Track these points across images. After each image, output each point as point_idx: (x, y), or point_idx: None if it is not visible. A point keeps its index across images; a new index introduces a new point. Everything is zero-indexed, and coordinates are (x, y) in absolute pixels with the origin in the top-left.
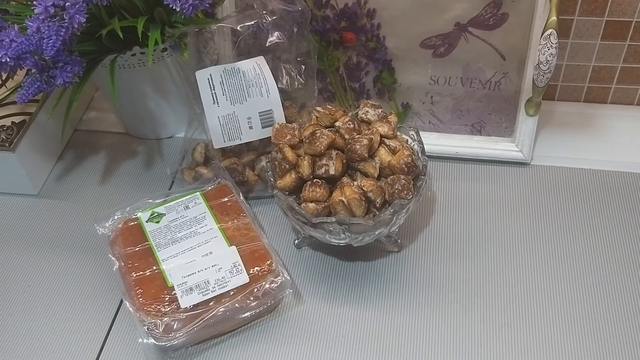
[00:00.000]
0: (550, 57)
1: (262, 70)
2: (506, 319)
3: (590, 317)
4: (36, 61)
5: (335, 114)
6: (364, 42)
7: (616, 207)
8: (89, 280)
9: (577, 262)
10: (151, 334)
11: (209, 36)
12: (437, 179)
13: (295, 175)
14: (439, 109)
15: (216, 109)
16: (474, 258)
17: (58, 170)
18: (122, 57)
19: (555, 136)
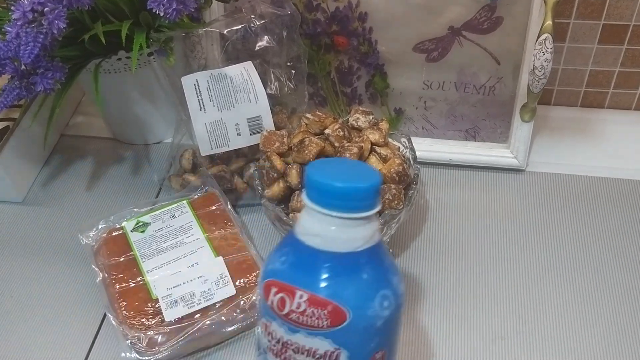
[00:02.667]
0: (546, 62)
1: (250, 75)
2: (501, 331)
3: (587, 326)
4: (16, 67)
5: (325, 120)
6: (355, 46)
7: (613, 215)
8: (73, 291)
9: (574, 270)
10: (134, 349)
11: (196, 40)
12: (430, 186)
13: (283, 184)
14: (432, 115)
15: (203, 116)
16: (468, 267)
17: (44, 176)
18: (107, 61)
19: (551, 142)
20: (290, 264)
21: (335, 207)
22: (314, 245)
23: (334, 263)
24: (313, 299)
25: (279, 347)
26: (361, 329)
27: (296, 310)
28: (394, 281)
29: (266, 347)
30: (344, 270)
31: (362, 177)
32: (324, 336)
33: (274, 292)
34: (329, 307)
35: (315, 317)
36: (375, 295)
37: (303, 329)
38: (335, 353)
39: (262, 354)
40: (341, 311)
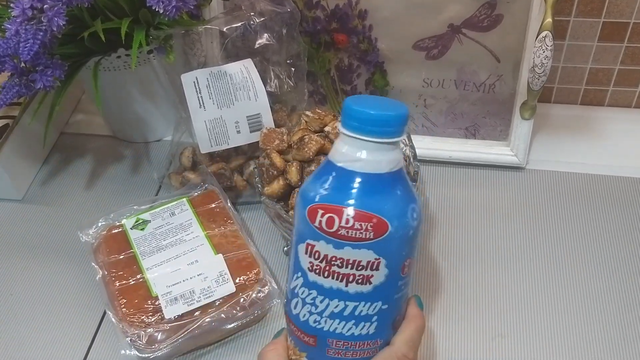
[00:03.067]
0: (546, 59)
1: (249, 73)
2: (501, 329)
3: (587, 323)
4: (15, 65)
5: (325, 118)
6: (355, 44)
7: (613, 212)
8: (72, 289)
9: (574, 267)
10: (134, 346)
11: (195, 38)
12: (430, 184)
13: (283, 181)
14: (432, 112)
15: (203, 113)
16: (468, 264)
17: (43, 174)
18: (107, 59)
19: (551, 140)
20: (333, 188)
21: (374, 133)
22: (354, 169)
23: (374, 182)
24: (359, 214)
25: (323, 265)
26: (398, 238)
27: (345, 225)
28: (417, 197)
29: (307, 267)
30: (383, 188)
31: (392, 108)
32: (368, 247)
33: (321, 213)
34: (373, 220)
35: (362, 230)
36: (407, 208)
37: (350, 242)
38: (376, 262)
39: (300, 277)
40: (384, 223)
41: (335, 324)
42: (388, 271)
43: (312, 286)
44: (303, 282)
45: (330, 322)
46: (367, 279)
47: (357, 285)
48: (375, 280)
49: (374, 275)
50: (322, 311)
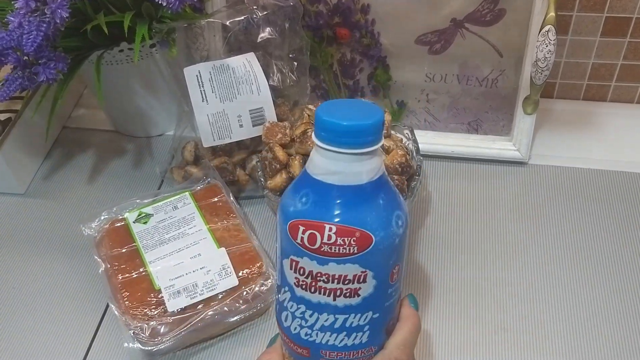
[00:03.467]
0: (549, 54)
1: (252, 66)
2: (503, 322)
3: (590, 318)
4: (18, 57)
5: None
6: (358, 39)
7: (615, 207)
8: (75, 282)
9: (575, 262)
10: (137, 339)
11: (198, 32)
12: (432, 179)
13: (286, 175)
14: (434, 107)
15: (205, 107)
16: (470, 259)
17: (45, 168)
18: (109, 53)
19: (554, 135)
20: (312, 203)
21: (349, 145)
22: (332, 182)
23: (354, 194)
24: (341, 229)
25: (309, 280)
26: (383, 249)
27: (327, 242)
28: (402, 202)
29: (294, 283)
30: (364, 199)
31: (367, 114)
32: (353, 262)
33: (302, 230)
34: (356, 234)
35: (345, 245)
36: (391, 216)
37: (334, 258)
38: (363, 275)
39: (287, 291)
40: (367, 236)
41: (327, 336)
42: (376, 282)
43: (300, 301)
44: (291, 296)
45: (321, 334)
46: (355, 291)
47: (346, 299)
48: (363, 292)
49: (361, 287)
50: (312, 324)
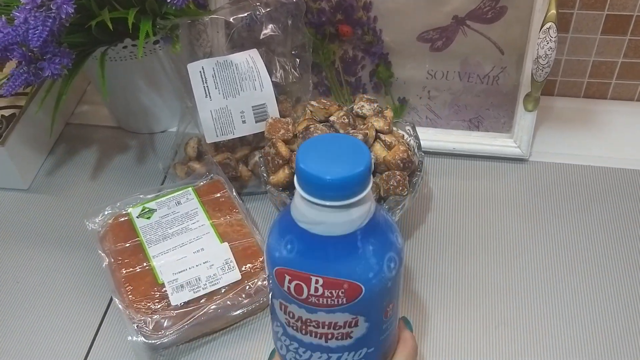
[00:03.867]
0: (549, 51)
1: (255, 63)
2: (503, 318)
3: (589, 314)
4: (24, 53)
5: (330, 108)
6: (360, 36)
7: (616, 204)
8: (79, 276)
9: (576, 258)
10: (141, 332)
11: (201, 28)
12: (434, 175)
13: (288, 170)
14: (436, 104)
15: (208, 103)
16: (471, 255)
17: (49, 164)
18: (113, 49)
19: (554, 132)
20: (297, 252)
21: (333, 198)
22: (318, 233)
23: (341, 245)
24: (328, 282)
25: (299, 324)
26: (374, 295)
27: (314, 294)
28: (395, 240)
29: (285, 322)
30: (352, 249)
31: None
32: (342, 311)
33: (288, 279)
34: (344, 286)
35: (333, 297)
36: (383, 261)
37: (322, 309)
38: (354, 320)
39: (279, 327)
40: (356, 286)
41: None
42: (369, 324)
43: (293, 339)
44: (283, 332)
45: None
46: (347, 334)
47: (338, 341)
48: (356, 334)
49: (353, 330)
50: (307, 359)
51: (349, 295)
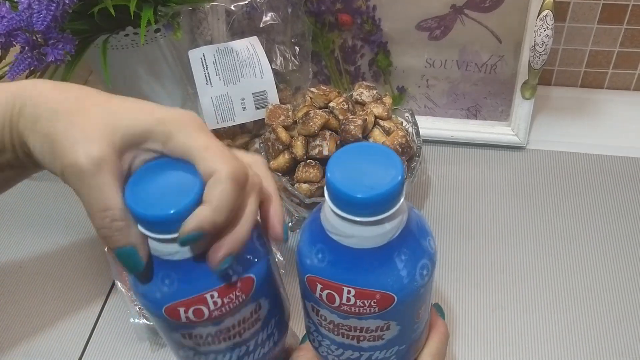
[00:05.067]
0: (546, 38)
1: (255, 50)
2: (499, 302)
3: (585, 299)
4: (27, 38)
5: (330, 94)
6: (359, 25)
7: (611, 191)
8: (81, 261)
9: (572, 245)
10: (143, 314)
11: (202, 16)
12: (432, 163)
13: (288, 155)
14: (434, 93)
15: (209, 89)
16: (469, 241)
17: None
18: (114, 37)
19: (552, 121)
20: (329, 262)
21: (363, 215)
22: (349, 245)
23: (374, 257)
24: (360, 292)
25: (331, 326)
26: (407, 302)
27: (346, 303)
28: (427, 246)
29: (317, 322)
30: (384, 261)
31: (384, 172)
32: (374, 318)
33: (320, 288)
34: (376, 297)
35: (365, 306)
36: (415, 270)
37: (354, 316)
38: (385, 325)
39: (312, 324)
40: (388, 296)
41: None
42: (400, 327)
43: (325, 337)
44: (315, 329)
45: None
46: (378, 337)
47: (370, 342)
48: (387, 336)
49: (385, 333)
50: (339, 355)
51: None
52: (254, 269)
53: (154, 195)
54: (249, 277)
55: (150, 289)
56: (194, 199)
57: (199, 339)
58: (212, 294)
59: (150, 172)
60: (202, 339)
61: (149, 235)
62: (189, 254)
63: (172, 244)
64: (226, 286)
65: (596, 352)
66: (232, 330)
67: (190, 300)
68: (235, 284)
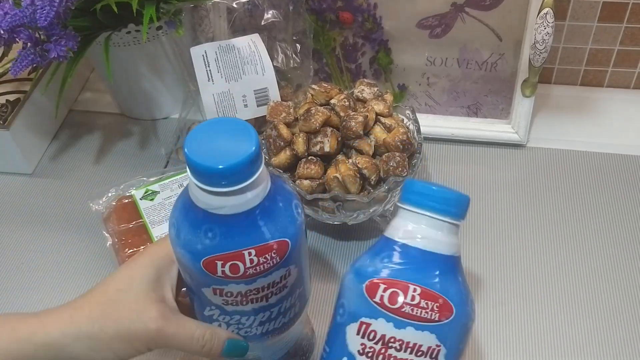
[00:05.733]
0: (547, 36)
1: (257, 47)
2: (500, 298)
3: (587, 296)
4: (30, 34)
5: (331, 91)
6: (360, 22)
7: (611, 189)
8: (83, 257)
9: (573, 242)
10: None
11: (204, 14)
12: (433, 161)
13: (290, 152)
14: (435, 91)
15: (211, 87)
16: (469, 239)
17: (53, 149)
18: (116, 34)
19: (552, 119)
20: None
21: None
22: (419, 247)
23: (439, 263)
24: (425, 292)
25: (378, 347)
26: (460, 326)
27: (410, 302)
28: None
29: (357, 351)
30: (448, 271)
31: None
32: (431, 330)
33: (383, 288)
34: (440, 301)
35: (427, 309)
36: (468, 298)
37: (413, 322)
38: (436, 350)
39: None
40: (449, 305)
41: None
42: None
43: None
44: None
45: None
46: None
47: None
48: (290, 281)
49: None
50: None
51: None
52: (289, 234)
53: (210, 149)
54: (284, 240)
55: (192, 240)
56: (246, 156)
57: (229, 296)
58: (250, 252)
59: (209, 127)
60: (232, 296)
61: (200, 186)
62: (234, 210)
63: (221, 197)
64: (264, 246)
65: (602, 346)
66: (261, 292)
67: (229, 255)
68: (272, 246)
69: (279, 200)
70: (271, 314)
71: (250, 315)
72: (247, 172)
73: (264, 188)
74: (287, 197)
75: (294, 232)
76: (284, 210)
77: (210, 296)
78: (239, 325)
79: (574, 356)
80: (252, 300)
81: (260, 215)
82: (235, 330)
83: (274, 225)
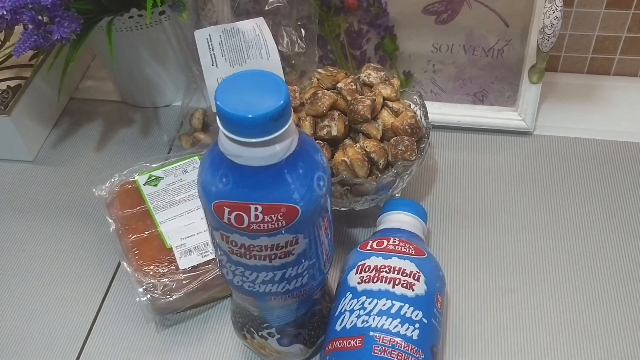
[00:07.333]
0: (555, 20)
1: (262, 31)
2: (509, 285)
3: (593, 283)
4: (33, 16)
5: (337, 75)
6: (365, 8)
7: (618, 176)
8: (86, 243)
9: (580, 230)
10: (149, 294)
11: None
12: (439, 148)
13: None
14: (441, 78)
15: (215, 71)
16: (477, 226)
17: (54, 137)
18: (119, 19)
19: (558, 107)
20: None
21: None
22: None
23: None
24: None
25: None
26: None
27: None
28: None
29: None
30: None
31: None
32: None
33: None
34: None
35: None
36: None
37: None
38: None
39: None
40: (293, 208)
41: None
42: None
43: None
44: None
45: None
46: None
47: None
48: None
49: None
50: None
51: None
52: (301, 202)
53: (239, 98)
54: (294, 207)
55: (209, 182)
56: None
57: (233, 245)
58: (256, 207)
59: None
60: (236, 246)
61: (223, 131)
62: (250, 162)
63: (238, 146)
64: (271, 206)
65: (608, 334)
66: (264, 251)
67: (236, 204)
68: (279, 208)
69: (300, 167)
70: (274, 276)
71: (253, 271)
72: (264, 127)
73: (284, 150)
74: (311, 167)
75: (307, 202)
76: (302, 178)
77: (219, 240)
78: (243, 277)
79: (583, 341)
80: (255, 256)
81: (275, 175)
82: (240, 282)
83: (286, 188)
